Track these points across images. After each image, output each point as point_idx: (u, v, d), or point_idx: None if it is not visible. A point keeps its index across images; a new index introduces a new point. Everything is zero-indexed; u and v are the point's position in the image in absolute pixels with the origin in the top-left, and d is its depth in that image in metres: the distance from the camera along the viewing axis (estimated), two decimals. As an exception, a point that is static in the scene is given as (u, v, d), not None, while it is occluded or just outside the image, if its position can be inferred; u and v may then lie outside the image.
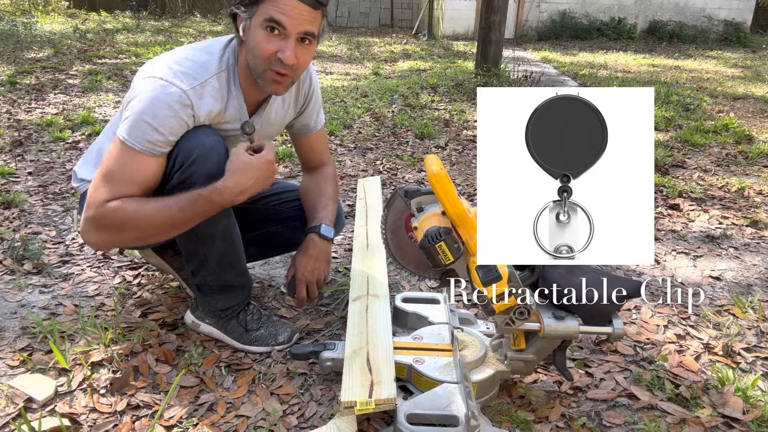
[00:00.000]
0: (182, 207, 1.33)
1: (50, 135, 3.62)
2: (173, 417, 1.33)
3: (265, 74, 1.37)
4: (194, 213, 1.34)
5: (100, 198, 1.33)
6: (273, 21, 1.30)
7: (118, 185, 1.33)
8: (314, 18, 1.34)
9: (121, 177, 1.33)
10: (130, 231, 1.36)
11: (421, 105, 5.09)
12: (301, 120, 1.70)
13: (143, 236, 1.39)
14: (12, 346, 1.56)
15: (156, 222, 1.34)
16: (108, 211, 1.32)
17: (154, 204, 1.34)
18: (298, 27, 1.32)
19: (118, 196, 1.32)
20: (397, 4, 14.67)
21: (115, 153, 1.33)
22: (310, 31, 1.34)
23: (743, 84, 7.04)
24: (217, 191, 1.33)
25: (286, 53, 1.32)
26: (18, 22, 8.71)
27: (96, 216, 1.33)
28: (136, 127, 1.30)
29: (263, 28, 1.32)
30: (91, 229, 1.36)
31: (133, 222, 1.34)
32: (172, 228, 1.37)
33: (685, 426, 1.33)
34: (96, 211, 1.33)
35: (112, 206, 1.32)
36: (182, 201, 1.33)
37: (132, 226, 1.35)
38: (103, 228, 1.35)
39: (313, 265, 1.62)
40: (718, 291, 2.03)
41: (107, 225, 1.34)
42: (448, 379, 1.28)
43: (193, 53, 1.40)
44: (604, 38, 12.39)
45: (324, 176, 1.77)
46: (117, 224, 1.34)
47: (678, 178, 3.31)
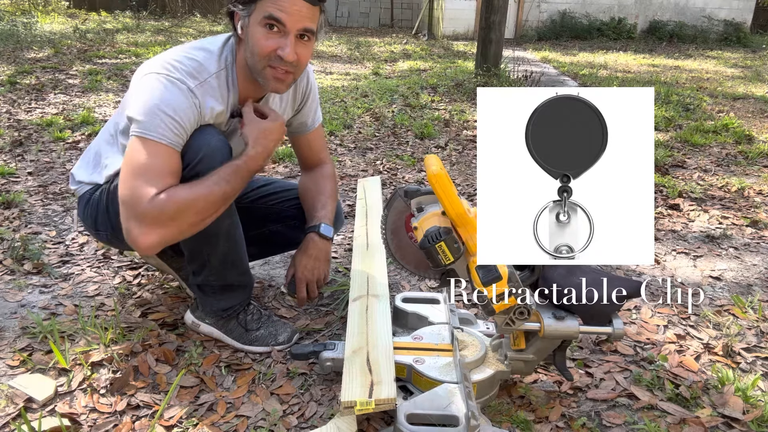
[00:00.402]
0: (228, 179, 1.34)
1: (50, 135, 3.62)
2: (173, 417, 1.33)
3: (265, 72, 1.37)
4: (239, 182, 1.38)
5: (147, 194, 1.26)
6: (272, 18, 1.30)
7: (158, 178, 1.28)
8: (313, 14, 1.34)
9: (157, 170, 1.29)
10: (188, 216, 1.31)
11: (421, 105, 5.09)
12: (299, 118, 1.70)
13: (199, 219, 1.35)
14: (12, 346, 1.56)
15: (210, 199, 1.32)
16: (161, 202, 1.27)
17: (201, 184, 1.32)
18: (298, 24, 1.32)
19: (162, 189, 1.28)
20: (397, 4, 14.67)
21: (139, 150, 1.29)
22: (310, 28, 1.34)
23: (743, 84, 7.04)
24: (251, 159, 1.39)
25: (286, 50, 1.32)
26: (18, 22, 8.71)
27: (150, 211, 1.27)
28: (154, 120, 1.28)
29: (262, 26, 1.32)
30: (145, 228, 1.28)
31: (190, 206, 1.30)
32: (224, 202, 1.37)
33: (685, 426, 1.33)
34: (148, 207, 1.26)
35: (164, 197, 1.27)
36: (226, 174, 1.34)
37: (190, 211, 1.31)
38: (160, 222, 1.28)
39: (313, 264, 1.63)
40: (718, 291, 2.03)
41: (163, 218, 1.28)
42: (448, 379, 1.28)
43: (192, 52, 1.39)
44: (604, 38, 12.39)
45: (323, 175, 1.77)
46: (174, 213, 1.28)
47: (678, 178, 3.31)
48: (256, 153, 1.39)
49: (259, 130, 1.41)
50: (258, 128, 1.41)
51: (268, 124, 1.43)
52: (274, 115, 1.46)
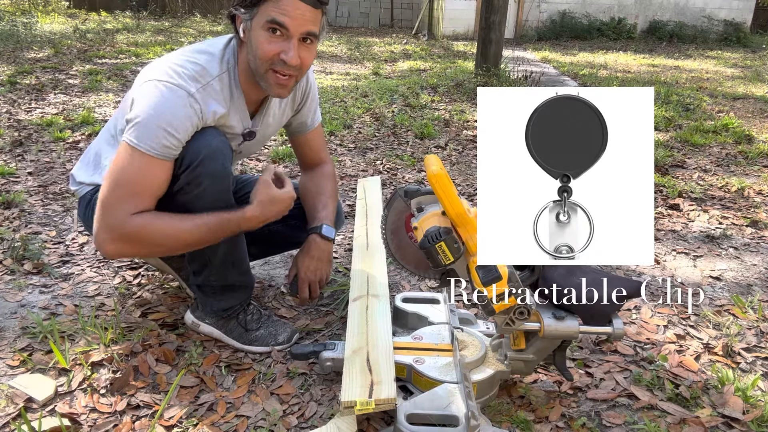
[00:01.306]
0: (212, 228, 1.37)
1: (50, 135, 3.62)
2: (173, 417, 1.33)
3: (267, 76, 1.37)
4: (222, 234, 1.40)
5: (123, 212, 1.30)
6: (275, 22, 1.30)
7: (140, 197, 1.31)
8: (315, 17, 1.34)
9: (140, 187, 1.31)
10: (155, 246, 1.38)
11: (421, 105, 5.09)
12: (298, 118, 1.70)
13: (165, 251, 1.43)
14: (12, 346, 1.56)
15: (183, 240, 1.37)
16: (136, 225, 1.30)
17: (184, 223, 1.35)
18: (301, 28, 1.32)
19: (141, 209, 1.31)
20: (397, 4, 14.67)
21: (128, 160, 1.30)
22: (312, 31, 1.34)
23: (743, 84, 7.04)
24: (245, 219, 1.39)
25: (290, 54, 1.33)
26: (18, 22, 8.71)
27: (120, 227, 1.30)
28: (148, 131, 1.28)
29: (265, 30, 1.32)
30: (111, 239, 1.32)
31: (160, 239, 1.35)
32: (197, 245, 1.41)
33: (685, 426, 1.33)
34: (120, 223, 1.30)
35: (140, 222, 1.31)
36: (211, 222, 1.36)
37: (158, 243, 1.36)
38: (127, 240, 1.33)
39: (316, 265, 1.63)
40: (718, 291, 2.03)
41: (132, 238, 1.33)
42: (448, 379, 1.28)
43: (193, 55, 1.39)
44: (604, 38, 12.38)
45: (323, 174, 1.77)
46: (143, 238, 1.33)
47: (678, 178, 3.31)
48: (253, 215, 1.39)
49: (269, 196, 1.40)
50: (268, 193, 1.40)
51: (280, 194, 1.42)
52: (288, 188, 1.45)
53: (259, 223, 1.42)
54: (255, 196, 1.41)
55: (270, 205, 1.41)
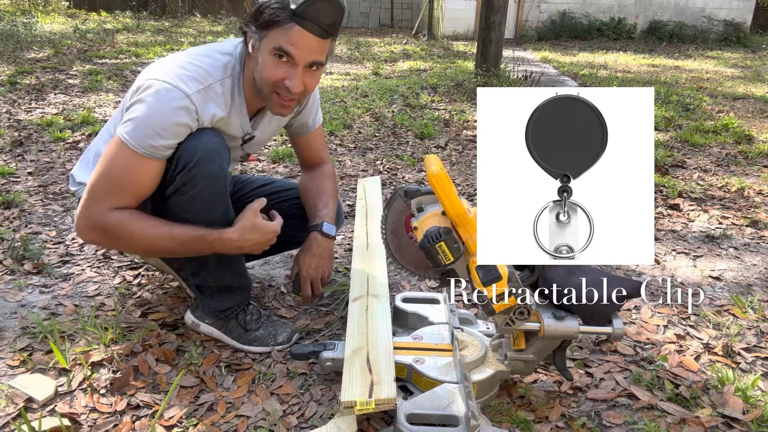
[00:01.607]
0: (184, 242, 1.38)
1: (50, 135, 3.62)
2: (173, 417, 1.33)
3: (271, 97, 1.40)
4: (194, 250, 1.42)
5: (104, 205, 1.33)
6: (282, 50, 1.32)
7: (121, 193, 1.34)
8: (323, 48, 1.36)
9: (123, 183, 1.33)
10: (127, 245, 1.42)
11: (421, 105, 5.09)
12: (299, 119, 1.70)
13: (138, 251, 1.53)
14: (12, 346, 1.56)
15: (156, 245, 1.40)
16: (111, 220, 1.34)
17: (158, 230, 1.37)
18: (307, 57, 1.34)
19: (120, 205, 1.34)
20: (397, 4, 14.67)
21: (116, 154, 1.32)
22: (318, 61, 1.37)
23: (743, 84, 7.04)
24: (221, 240, 1.40)
25: (294, 82, 1.35)
26: (18, 22, 8.71)
27: (98, 219, 1.34)
28: (139, 130, 1.30)
29: (272, 55, 1.34)
30: (89, 228, 1.37)
31: (133, 240, 1.37)
32: (167, 254, 1.48)
33: (685, 426, 1.33)
34: (99, 215, 1.34)
35: (116, 218, 1.34)
36: (185, 236, 1.38)
37: (131, 242, 1.39)
38: (102, 232, 1.37)
39: (317, 263, 1.64)
40: (718, 291, 2.03)
41: (107, 232, 1.36)
42: (448, 379, 1.28)
43: (198, 58, 1.40)
44: (604, 38, 12.38)
45: (323, 174, 1.77)
46: (117, 235, 1.36)
47: (678, 178, 3.31)
48: (230, 238, 1.40)
49: (251, 223, 1.42)
50: (252, 221, 1.42)
51: (264, 224, 1.44)
52: (275, 222, 1.48)
53: (235, 248, 1.42)
54: (238, 220, 1.43)
55: (250, 233, 1.42)
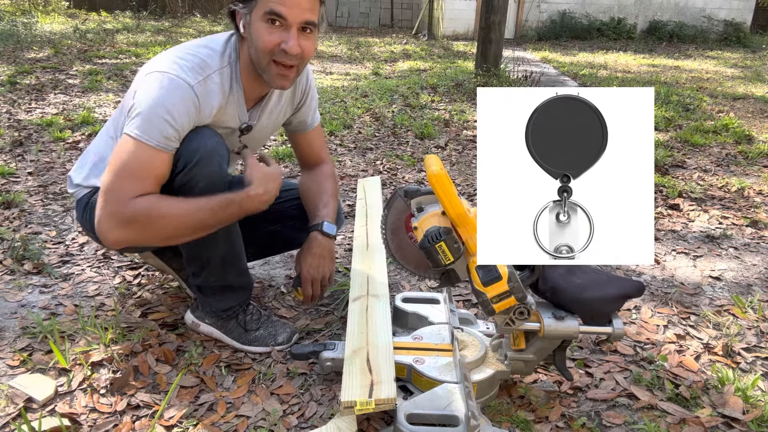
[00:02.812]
0: (214, 209, 1.35)
1: (50, 135, 3.62)
2: (173, 417, 1.33)
3: (270, 67, 1.38)
4: (225, 216, 1.38)
5: (127, 194, 1.28)
6: (273, 13, 1.31)
7: (141, 181, 1.30)
8: (313, 6, 1.35)
9: (141, 173, 1.30)
10: (159, 230, 1.33)
11: (421, 105, 5.09)
12: (298, 116, 1.70)
13: (171, 236, 1.37)
14: (12, 346, 1.56)
15: (186, 222, 1.34)
16: (138, 207, 1.28)
17: (186, 204, 1.33)
18: (299, 17, 1.33)
19: (143, 193, 1.30)
20: (397, 4, 14.67)
21: (129, 150, 1.29)
22: (311, 20, 1.35)
23: (743, 84, 7.04)
24: (248, 198, 1.38)
25: (290, 43, 1.33)
26: (18, 22, 8.71)
27: (124, 211, 1.28)
28: (149, 122, 1.28)
29: (264, 21, 1.33)
30: (115, 225, 1.30)
31: (164, 221, 1.31)
32: (200, 229, 1.37)
33: (685, 426, 1.33)
34: (124, 207, 1.28)
35: (143, 203, 1.29)
36: (213, 203, 1.35)
37: (162, 226, 1.32)
38: (130, 224, 1.30)
39: (318, 262, 1.62)
40: (718, 291, 2.03)
41: (135, 222, 1.29)
42: (448, 379, 1.28)
43: (195, 49, 1.40)
44: (604, 38, 12.38)
45: (323, 174, 1.77)
46: (146, 221, 1.30)
47: (678, 178, 3.31)
48: (256, 193, 1.40)
49: (264, 173, 1.43)
50: (263, 171, 1.43)
51: (271, 170, 1.46)
52: (274, 165, 1.49)
53: (263, 202, 1.41)
54: (251, 177, 1.41)
55: (268, 182, 1.42)
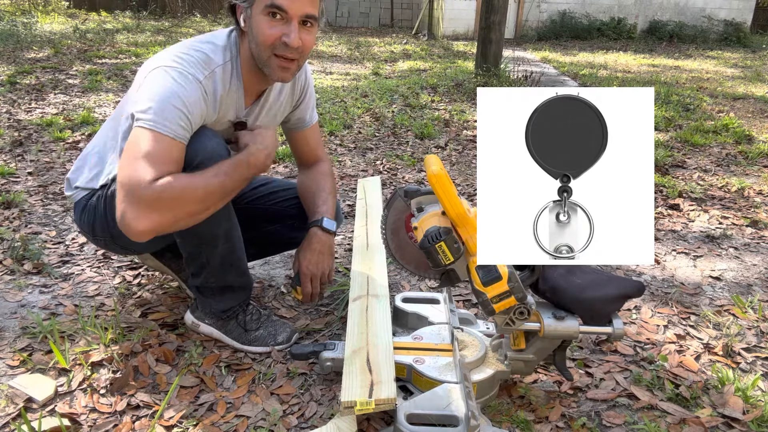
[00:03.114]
0: (228, 172, 1.34)
1: (50, 135, 3.62)
2: (173, 417, 1.33)
3: (271, 61, 1.38)
4: (239, 177, 1.37)
5: (146, 178, 1.23)
6: (274, 6, 1.31)
7: (159, 165, 1.26)
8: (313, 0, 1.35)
9: (159, 157, 1.26)
10: (186, 205, 1.29)
11: (421, 105, 5.09)
12: (297, 113, 1.70)
13: (197, 210, 1.32)
14: (12, 346, 1.56)
15: (210, 189, 1.31)
16: (160, 187, 1.24)
17: (201, 175, 1.30)
18: (300, 10, 1.33)
19: (162, 174, 1.25)
20: (397, 4, 14.67)
21: (145, 140, 1.26)
22: (312, 14, 1.35)
23: (743, 84, 7.04)
24: (252, 155, 1.39)
25: (291, 36, 1.33)
26: (18, 22, 8.71)
27: (147, 195, 1.23)
28: (163, 112, 1.27)
29: (265, 15, 1.33)
30: (141, 212, 1.24)
31: (189, 194, 1.28)
32: (223, 196, 1.36)
33: (685, 426, 1.33)
34: (146, 191, 1.23)
35: (164, 182, 1.24)
36: (226, 167, 1.34)
37: (188, 199, 1.28)
38: (156, 207, 1.25)
39: (317, 258, 1.61)
40: (718, 291, 2.03)
41: (161, 203, 1.25)
42: (448, 379, 1.28)
43: (197, 45, 1.40)
44: (604, 38, 12.39)
45: (321, 172, 1.77)
46: (171, 199, 1.26)
47: (678, 178, 3.31)
48: (257, 149, 1.40)
49: (256, 133, 1.44)
50: (254, 132, 1.44)
51: (262, 129, 1.46)
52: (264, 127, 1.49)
53: (266, 156, 1.41)
54: (245, 141, 1.42)
55: (264, 138, 1.42)
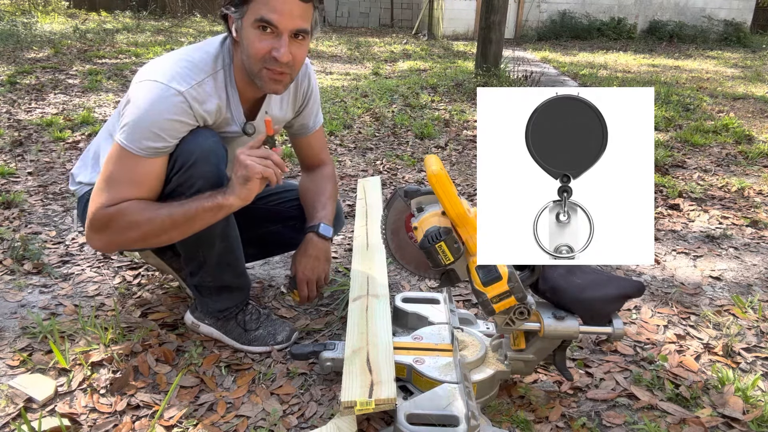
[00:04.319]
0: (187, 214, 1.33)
1: (50, 135, 3.62)
2: (173, 417, 1.33)
3: (262, 74, 1.37)
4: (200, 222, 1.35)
5: (100, 202, 1.33)
6: (264, 21, 1.30)
7: (117, 189, 1.33)
8: (306, 13, 1.33)
9: (121, 180, 1.33)
10: (131, 234, 1.36)
11: (421, 105, 5.09)
12: (299, 120, 1.69)
13: (144, 240, 1.37)
14: (12, 346, 1.56)
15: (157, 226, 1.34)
16: (108, 214, 1.33)
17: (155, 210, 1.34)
18: (290, 24, 1.31)
19: (117, 200, 1.33)
20: (397, 4, 14.67)
21: (115, 158, 1.33)
22: (303, 28, 1.34)
23: (743, 84, 7.04)
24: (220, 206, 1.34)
25: (281, 51, 1.32)
26: (18, 22, 8.71)
27: (96, 219, 1.35)
28: (135, 132, 1.30)
29: (255, 28, 1.32)
30: (92, 232, 1.37)
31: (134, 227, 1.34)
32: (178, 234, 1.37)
33: (685, 426, 1.33)
34: (96, 215, 1.34)
35: (113, 211, 1.33)
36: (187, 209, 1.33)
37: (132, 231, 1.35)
38: (103, 231, 1.36)
39: (313, 264, 1.63)
40: (718, 291, 2.03)
41: (109, 228, 1.35)
42: (448, 379, 1.28)
43: (189, 53, 1.40)
44: (604, 38, 12.39)
45: (323, 175, 1.77)
46: (117, 228, 1.35)
47: (678, 178, 3.31)
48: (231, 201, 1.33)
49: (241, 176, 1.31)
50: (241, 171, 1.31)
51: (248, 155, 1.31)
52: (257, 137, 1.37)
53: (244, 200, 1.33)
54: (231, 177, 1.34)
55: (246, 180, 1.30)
